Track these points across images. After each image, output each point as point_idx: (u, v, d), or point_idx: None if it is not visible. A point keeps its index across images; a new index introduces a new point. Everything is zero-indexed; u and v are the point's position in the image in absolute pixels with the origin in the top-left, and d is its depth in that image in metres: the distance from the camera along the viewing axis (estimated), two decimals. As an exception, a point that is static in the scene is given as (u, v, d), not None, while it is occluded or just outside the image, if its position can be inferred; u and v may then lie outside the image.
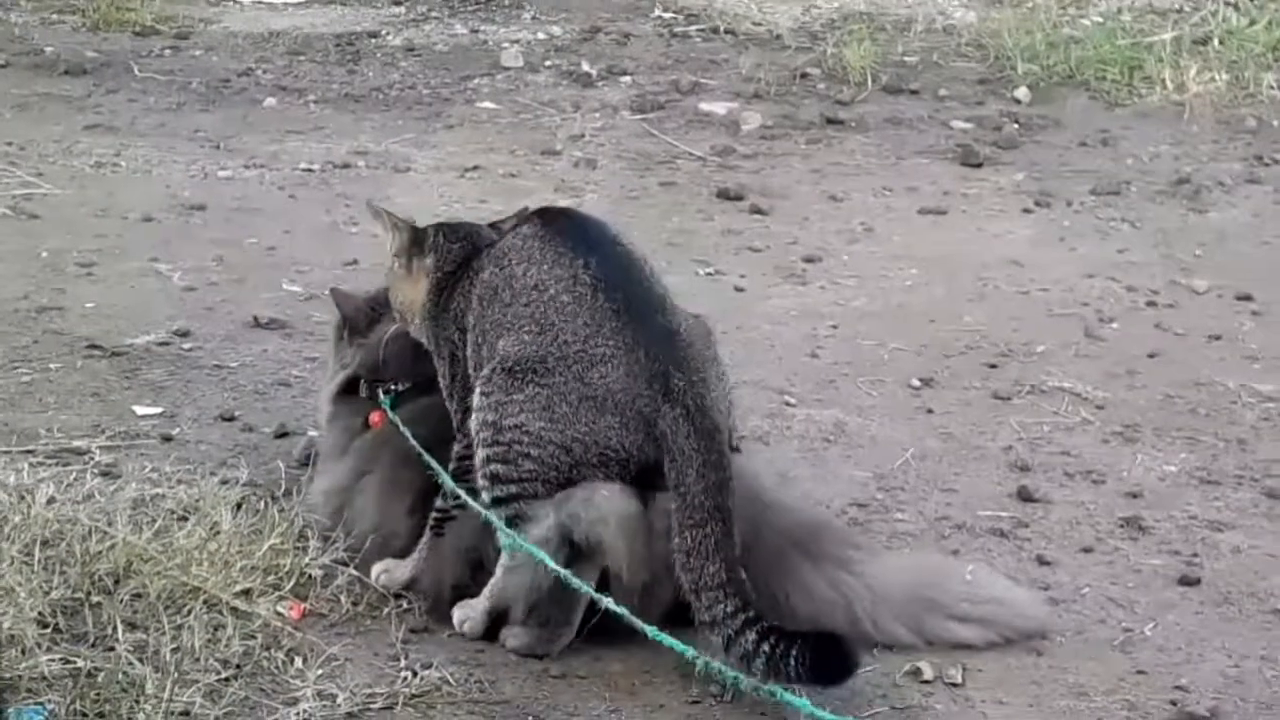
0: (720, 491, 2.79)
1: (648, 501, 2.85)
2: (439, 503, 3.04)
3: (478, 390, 2.91)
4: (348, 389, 3.35)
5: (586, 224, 3.07)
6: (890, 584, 3.00)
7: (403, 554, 3.10)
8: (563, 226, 3.01)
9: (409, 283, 3.13)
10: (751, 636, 2.70)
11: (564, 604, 2.92)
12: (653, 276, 3.00)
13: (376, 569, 3.08)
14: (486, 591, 2.97)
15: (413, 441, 3.09)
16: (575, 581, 2.82)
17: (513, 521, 2.89)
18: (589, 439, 2.84)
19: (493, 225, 3.20)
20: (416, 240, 3.14)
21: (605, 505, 2.84)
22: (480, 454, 2.90)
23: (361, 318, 3.37)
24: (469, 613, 2.99)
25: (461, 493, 2.98)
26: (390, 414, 3.20)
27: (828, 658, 2.68)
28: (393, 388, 3.26)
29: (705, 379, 2.88)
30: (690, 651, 2.72)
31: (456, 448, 3.03)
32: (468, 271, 3.05)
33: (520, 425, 2.85)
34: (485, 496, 2.91)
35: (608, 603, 2.80)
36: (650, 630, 2.74)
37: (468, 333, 3.01)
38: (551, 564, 2.83)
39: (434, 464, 3.03)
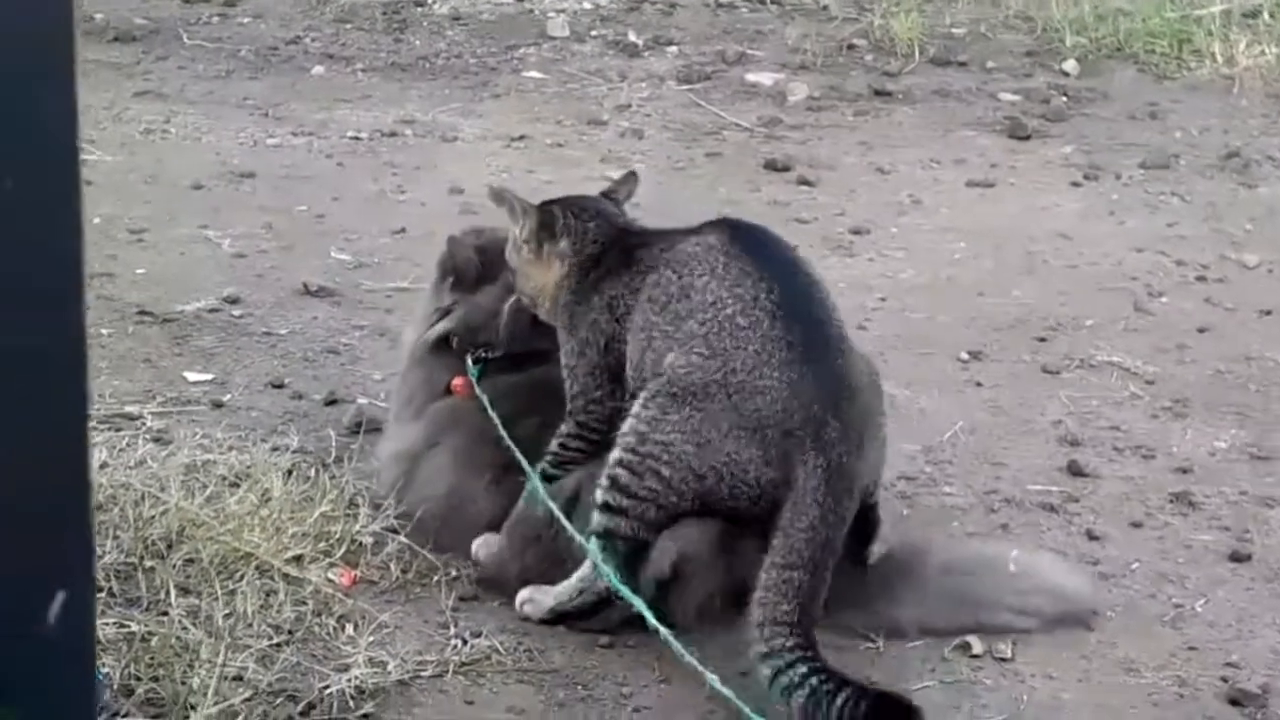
0: (824, 549, 2.74)
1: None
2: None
3: (639, 402, 2.85)
4: (441, 344, 3.28)
5: (773, 243, 2.99)
6: (937, 588, 2.98)
7: (485, 521, 3.08)
8: (750, 243, 2.93)
9: (539, 268, 3.07)
10: (802, 669, 2.64)
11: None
12: (833, 310, 2.92)
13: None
14: (558, 591, 2.94)
15: (495, 420, 3.05)
16: (654, 623, 2.75)
17: (611, 536, 2.85)
18: (726, 469, 2.79)
19: (605, 195, 3.15)
20: (545, 224, 3.07)
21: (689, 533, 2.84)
22: (615, 454, 2.85)
23: (471, 271, 3.28)
24: (536, 603, 2.97)
25: (538, 483, 2.95)
26: (476, 386, 3.16)
27: (881, 714, 2.60)
28: (484, 355, 3.22)
29: (859, 434, 2.82)
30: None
31: (563, 428, 3.00)
32: (628, 259, 2.98)
33: (666, 443, 2.81)
34: (597, 496, 2.86)
35: (676, 646, 2.73)
36: (708, 674, 2.67)
37: (629, 330, 2.94)
38: (633, 598, 2.79)
39: (513, 446, 3.00)
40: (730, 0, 7.27)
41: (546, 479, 3.00)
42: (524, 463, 2.99)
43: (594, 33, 6.88)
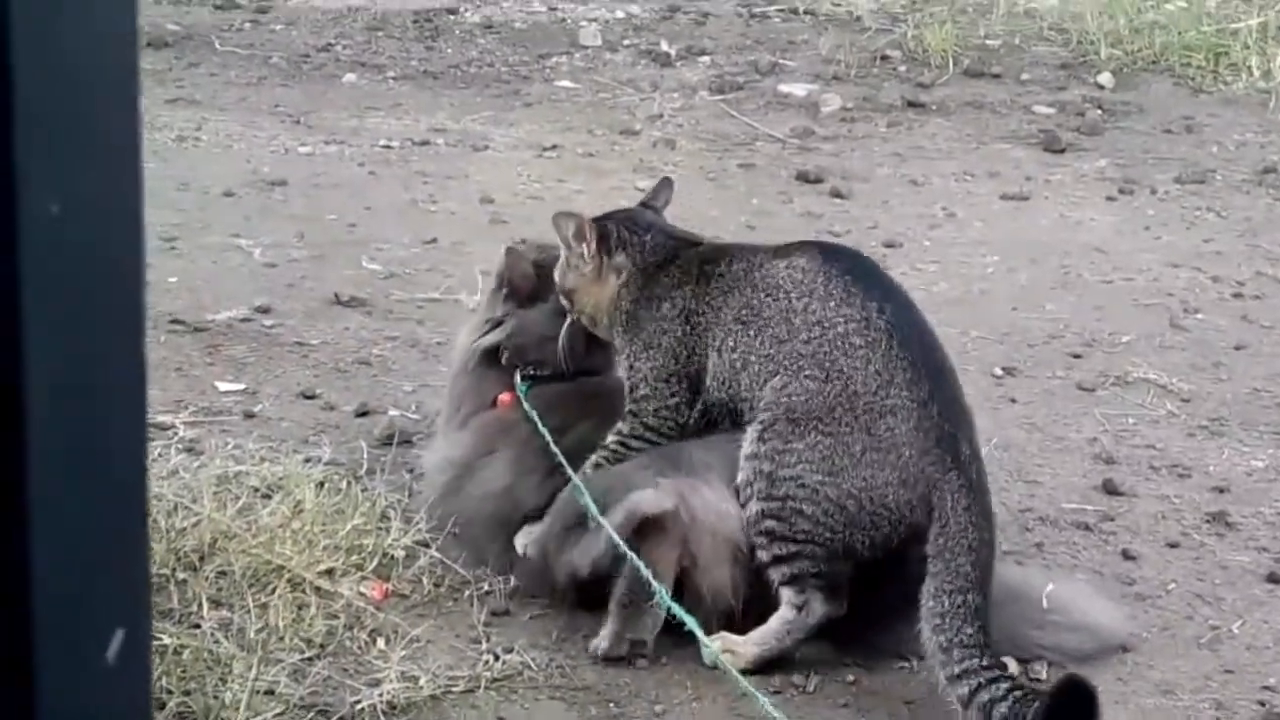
0: (987, 569, 2.73)
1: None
2: (589, 470, 2.97)
3: (753, 437, 2.82)
4: (490, 356, 3.26)
5: (868, 264, 2.98)
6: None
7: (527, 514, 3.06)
8: (846, 264, 2.90)
9: (597, 284, 3.06)
10: (1004, 685, 2.63)
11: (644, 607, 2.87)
12: (936, 335, 2.90)
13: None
14: (757, 637, 2.87)
15: (544, 432, 3.03)
16: (687, 618, 2.74)
17: (798, 579, 2.81)
18: (864, 495, 2.76)
19: (644, 205, 3.15)
20: (602, 239, 3.05)
21: (717, 523, 2.82)
22: (753, 508, 2.81)
23: (526, 286, 3.26)
24: (739, 655, 2.87)
25: (588, 500, 2.93)
26: (524, 401, 3.14)
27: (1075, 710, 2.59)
28: (531, 372, 3.22)
29: (980, 455, 2.81)
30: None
31: (623, 427, 2.98)
32: (703, 277, 2.95)
33: (797, 478, 2.77)
34: (763, 555, 2.82)
35: (727, 665, 2.73)
36: (742, 681, 2.68)
37: (710, 346, 2.91)
38: (675, 606, 2.76)
39: (564, 462, 2.98)
40: (763, 10, 7.26)
41: (598, 468, 2.99)
42: (574, 477, 2.96)
43: (626, 42, 6.88)
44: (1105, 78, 6.47)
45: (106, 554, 0.65)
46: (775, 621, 2.85)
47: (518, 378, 3.20)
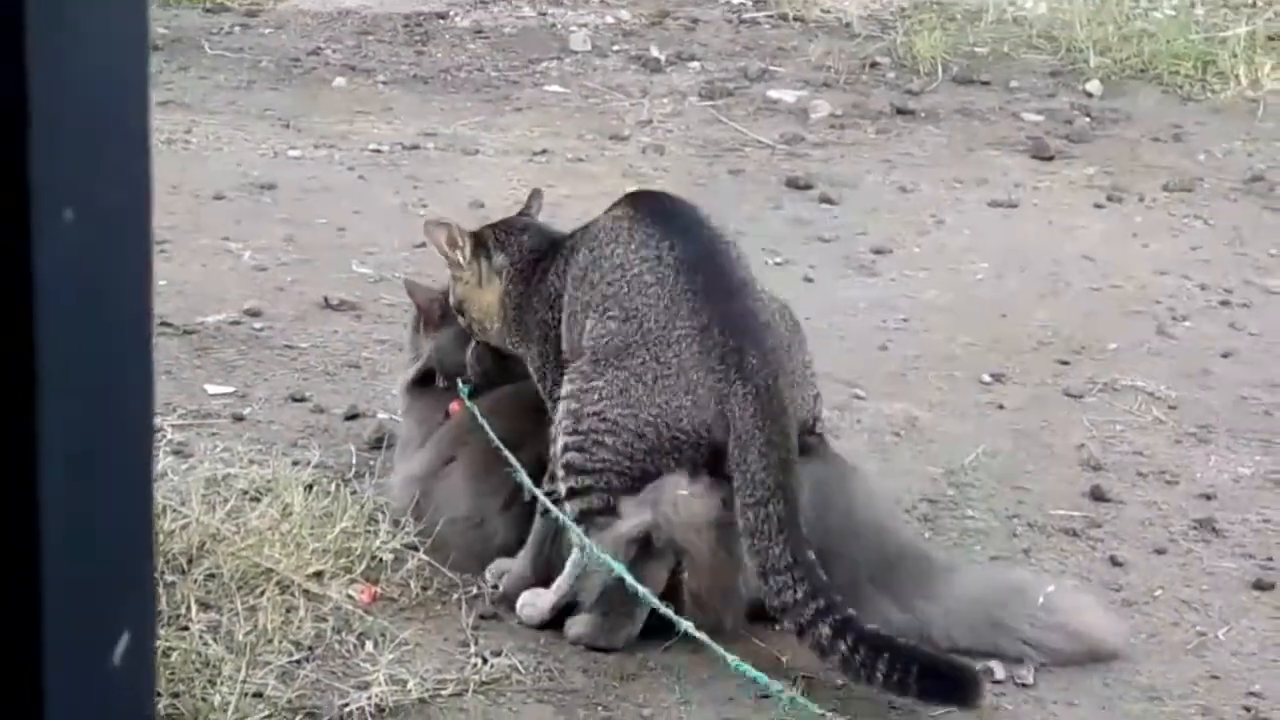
0: (782, 470, 2.76)
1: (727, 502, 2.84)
2: (546, 485, 3.02)
3: (565, 382, 2.92)
4: (422, 380, 3.36)
5: (677, 207, 3.09)
6: (964, 605, 2.96)
7: (499, 546, 3.10)
8: (653, 208, 3.03)
9: (483, 289, 3.15)
10: (825, 630, 2.67)
11: (629, 598, 2.90)
12: (738, 260, 3.00)
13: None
14: (555, 587, 2.96)
15: (491, 434, 3.08)
16: (653, 601, 2.78)
17: (589, 515, 2.87)
18: (661, 421, 2.84)
19: (521, 214, 3.28)
20: (480, 243, 3.16)
21: (695, 510, 2.83)
22: (559, 442, 2.90)
23: (435, 310, 3.39)
24: (534, 606, 2.98)
25: (538, 493, 2.97)
26: (468, 403, 3.20)
27: (935, 678, 2.64)
28: (469, 379, 3.27)
29: (780, 360, 2.87)
30: (764, 680, 2.68)
31: (554, 435, 3.01)
32: (558, 252, 3.06)
33: (599, 413, 2.86)
34: (561, 487, 2.90)
35: (687, 626, 2.76)
36: (731, 660, 2.70)
37: (561, 313, 3.01)
38: (629, 577, 2.80)
39: (511, 459, 3.02)
40: (753, 17, 7.27)
41: (553, 480, 3.00)
42: (524, 477, 2.99)
43: (616, 47, 6.89)
44: (1094, 85, 6.48)
45: (114, 557, 0.66)
46: (568, 565, 2.93)
47: (460, 384, 3.26)
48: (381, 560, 3.09)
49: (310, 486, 3.26)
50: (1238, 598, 3.21)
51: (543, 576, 3.00)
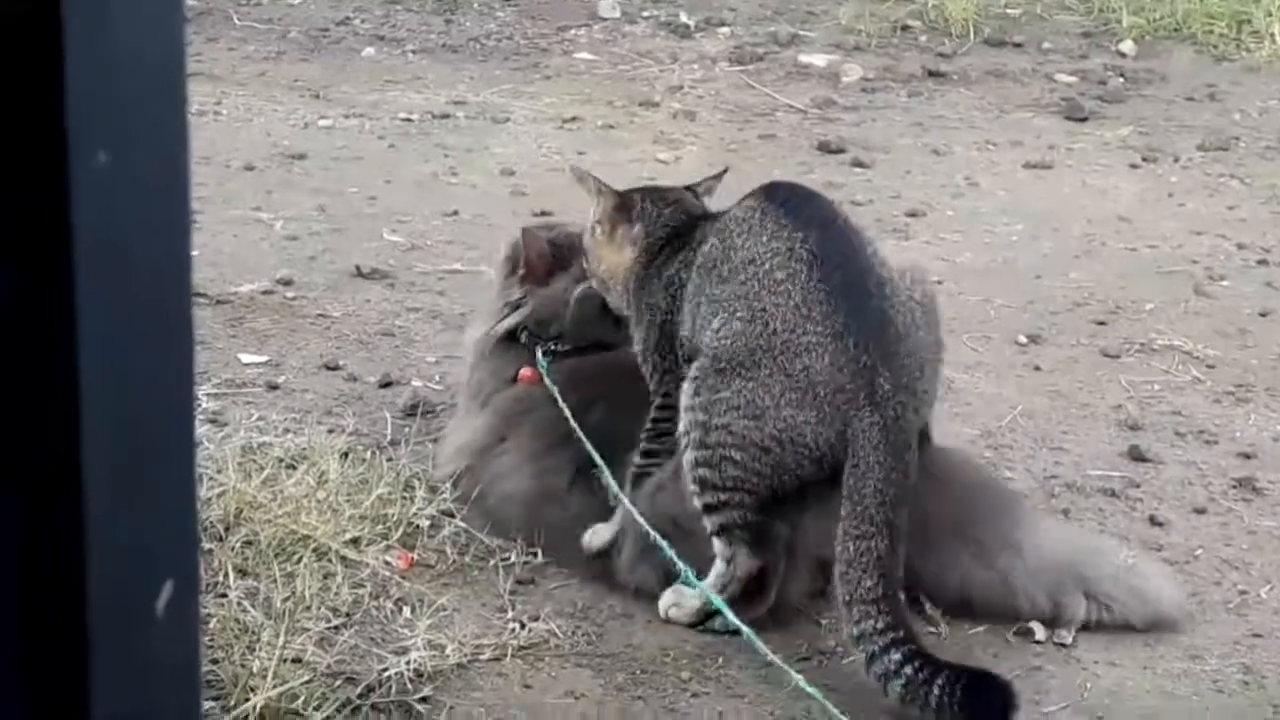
0: (895, 508, 2.67)
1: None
2: (636, 459, 2.97)
3: (689, 388, 2.81)
4: (509, 337, 3.27)
5: (812, 198, 2.95)
6: (1046, 560, 2.93)
7: (563, 522, 3.05)
8: (786, 198, 2.88)
9: (611, 249, 3.06)
10: (896, 656, 2.59)
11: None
12: (875, 257, 2.85)
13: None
14: (696, 592, 2.88)
15: (567, 412, 3.03)
16: (739, 624, 2.76)
17: (730, 531, 2.81)
18: (785, 436, 2.73)
19: (688, 189, 3.13)
20: (623, 206, 3.05)
21: None
22: (689, 455, 2.81)
23: (543, 266, 3.27)
24: (682, 607, 2.91)
25: (609, 479, 2.92)
26: (545, 376, 3.14)
27: (980, 696, 2.57)
28: (552, 347, 3.21)
29: (911, 378, 2.75)
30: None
31: (651, 413, 2.97)
32: (688, 239, 2.96)
33: (725, 425, 2.76)
34: (696, 503, 2.82)
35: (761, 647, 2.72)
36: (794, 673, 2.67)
37: (684, 301, 2.91)
38: (728, 612, 2.76)
39: (584, 438, 2.97)
40: (782, -19, 7.22)
41: (645, 455, 2.97)
42: (594, 454, 2.96)
43: (645, 14, 6.85)
44: (1127, 46, 6.43)
45: (157, 505, 0.65)
46: (711, 574, 2.86)
47: (539, 353, 3.20)
48: (418, 526, 3.09)
49: (345, 454, 3.25)
50: (1279, 556, 3.19)
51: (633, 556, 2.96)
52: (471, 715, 2.64)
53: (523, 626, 2.85)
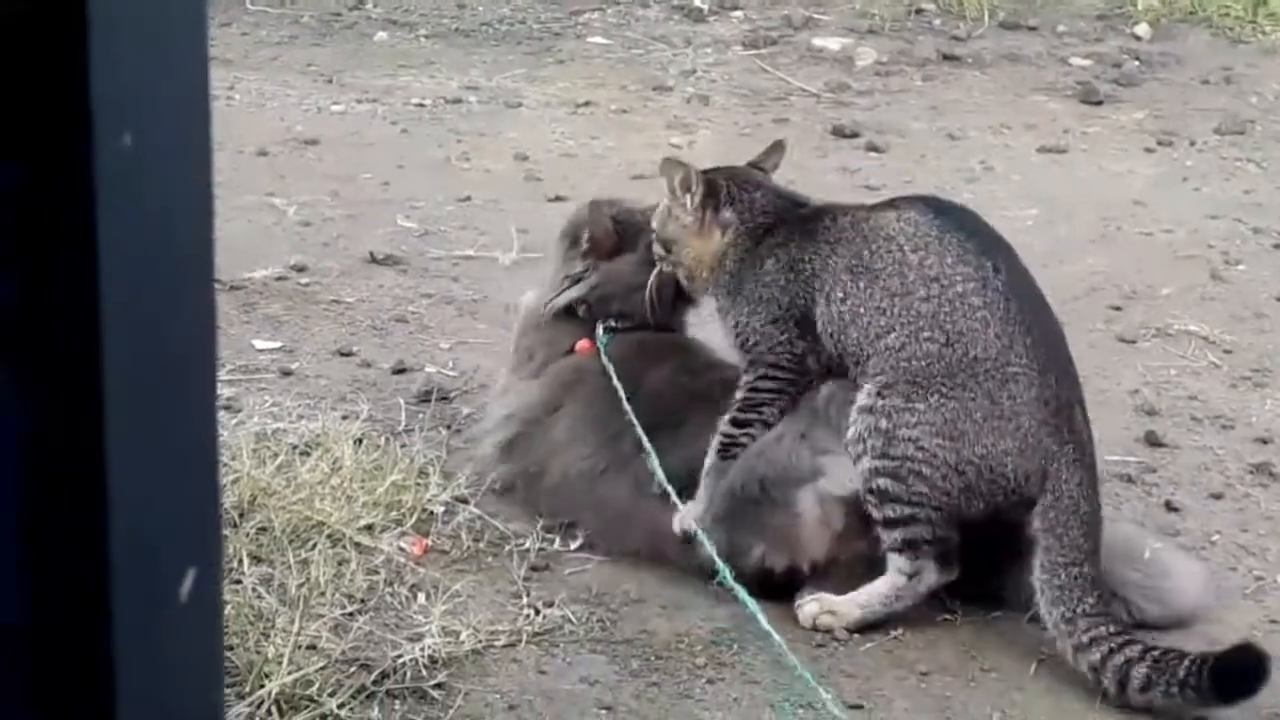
0: (1096, 536, 2.73)
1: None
2: (725, 428, 2.93)
3: (870, 390, 2.77)
4: (568, 311, 3.24)
5: (978, 219, 2.92)
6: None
7: (615, 496, 3.03)
8: (957, 219, 2.85)
9: (700, 238, 3.02)
10: (1135, 650, 2.63)
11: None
12: (1032, 276, 2.85)
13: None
14: (862, 599, 2.84)
15: (619, 387, 3.00)
16: (751, 604, 2.70)
17: (915, 546, 2.78)
18: (985, 463, 2.72)
19: (753, 165, 3.12)
20: (711, 193, 3.01)
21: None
22: (865, 464, 2.77)
23: (608, 241, 3.23)
24: (840, 615, 2.85)
25: (659, 473, 2.89)
26: (603, 355, 3.11)
27: (1228, 665, 2.60)
28: (613, 324, 3.19)
29: (1089, 420, 2.79)
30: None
31: (747, 378, 2.93)
32: (811, 234, 2.90)
33: (915, 439, 2.73)
34: (874, 514, 2.79)
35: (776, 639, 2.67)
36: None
37: (820, 294, 2.86)
38: (760, 618, 2.69)
39: (635, 422, 2.95)
40: (795, -35, 7.21)
41: (738, 425, 2.92)
42: (644, 439, 2.93)
43: (658, -2, 6.84)
44: (1142, 29, 6.40)
45: (179, 492, 0.64)
46: (884, 585, 2.82)
47: (599, 329, 3.18)
48: (432, 513, 3.09)
49: (360, 440, 3.25)
50: (1296, 542, 3.18)
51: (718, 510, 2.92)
52: (486, 701, 2.64)
53: (537, 612, 2.85)
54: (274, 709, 2.53)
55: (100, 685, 0.57)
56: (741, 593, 2.70)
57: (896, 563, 2.80)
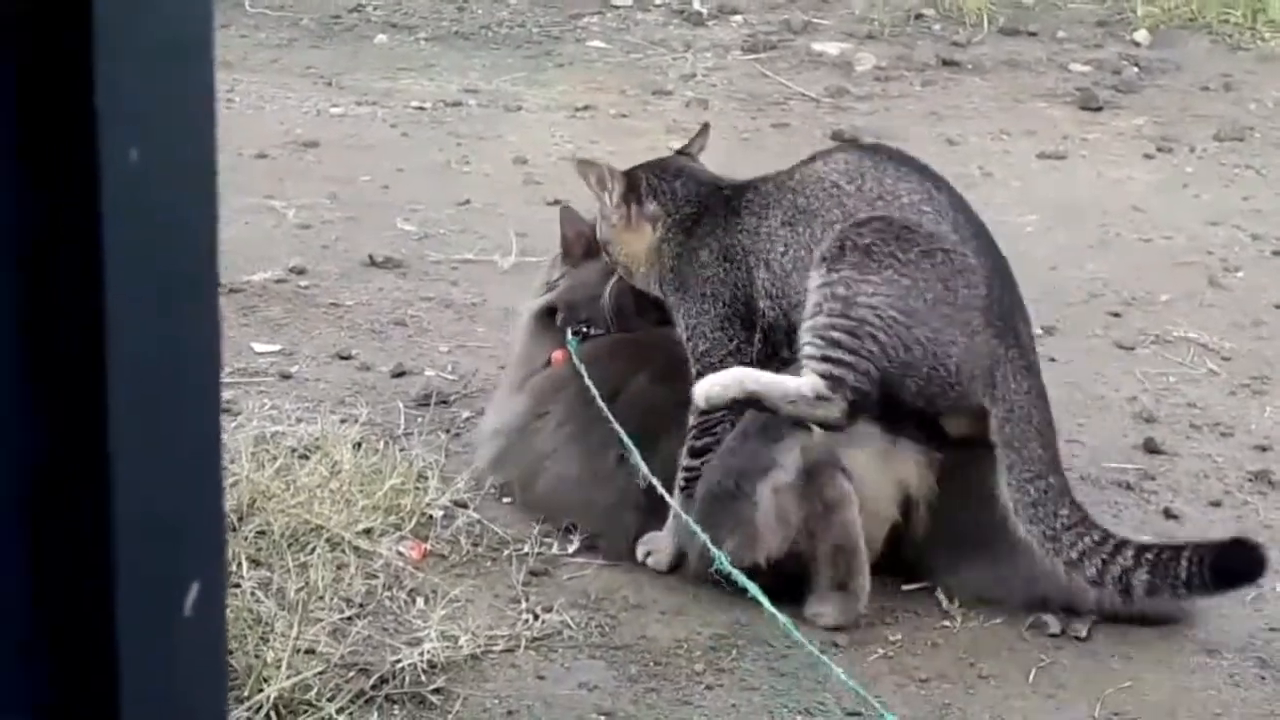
0: (1053, 448, 2.74)
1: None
2: (686, 461, 2.93)
3: (822, 267, 2.74)
4: (547, 315, 3.27)
5: (910, 156, 2.95)
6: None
7: (610, 504, 3.04)
8: (890, 154, 2.89)
9: (630, 234, 3.02)
10: (1129, 555, 2.66)
11: (854, 571, 2.84)
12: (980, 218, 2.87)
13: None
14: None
15: (594, 392, 3.01)
16: (744, 581, 2.64)
17: (837, 382, 2.72)
18: (930, 345, 2.71)
19: (680, 152, 3.13)
20: (632, 187, 3.02)
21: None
22: (819, 319, 2.73)
23: (580, 245, 3.25)
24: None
25: (643, 467, 2.88)
26: (576, 359, 3.13)
27: (1232, 559, 2.65)
28: (583, 330, 3.20)
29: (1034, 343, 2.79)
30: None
31: (690, 422, 2.90)
32: (737, 210, 2.91)
33: (874, 307, 2.70)
34: (813, 351, 2.73)
35: (782, 619, 2.62)
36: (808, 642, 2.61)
37: (758, 268, 2.87)
38: (719, 555, 2.70)
39: (613, 420, 2.95)
40: (795, -31, 7.21)
41: (696, 454, 2.92)
42: (623, 436, 2.94)
43: (657, 2, 6.84)
44: (1142, 35, 6.40)
45: (183, 506, 0.64)
46: (791, 384, 2.77)
47: (569, 334, 3.19)
48: (431, 517, 3.09)
49: (359, 444, 3.25)
50: (1295, 550, 3.17)
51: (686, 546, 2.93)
52: (485, 706, 2.64)
53: (536, 618, 2.85)
54: (273, 713, 2.52)
55: (105, 701, 0.57)
56: (741, 578, 2.70)
57: (813, 378, 2.73)
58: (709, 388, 2.81)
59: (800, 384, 2.76)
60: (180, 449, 0.64)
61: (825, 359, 2.73)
